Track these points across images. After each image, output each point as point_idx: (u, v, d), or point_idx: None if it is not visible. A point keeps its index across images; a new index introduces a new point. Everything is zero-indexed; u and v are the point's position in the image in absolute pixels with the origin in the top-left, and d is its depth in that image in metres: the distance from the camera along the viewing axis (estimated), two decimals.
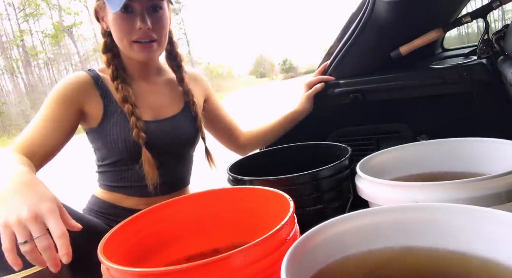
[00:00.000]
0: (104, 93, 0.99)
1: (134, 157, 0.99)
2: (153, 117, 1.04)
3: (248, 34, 69.40)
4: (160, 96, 1.07)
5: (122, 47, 0.98)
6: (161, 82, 1.10)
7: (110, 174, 1.04)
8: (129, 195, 1.04)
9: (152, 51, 0.98)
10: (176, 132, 1.05)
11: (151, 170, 0.98)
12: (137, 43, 0.95)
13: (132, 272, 0.53)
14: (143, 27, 0.92)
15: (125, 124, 0.98)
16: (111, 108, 0.99)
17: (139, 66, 1.04)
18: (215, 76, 34.15)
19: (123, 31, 0.94)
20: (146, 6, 0.93)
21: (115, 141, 0.97)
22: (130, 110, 0.97)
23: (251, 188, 0.80)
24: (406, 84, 1.17)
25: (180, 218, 0.80)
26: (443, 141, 0.90)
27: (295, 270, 0.44)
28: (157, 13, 0.95)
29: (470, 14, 1.11)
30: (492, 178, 0.61)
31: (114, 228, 0.68)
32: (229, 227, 0.81)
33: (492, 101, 1.13)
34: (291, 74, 34.95)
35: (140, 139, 0.96)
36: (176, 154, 1.07)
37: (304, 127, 1.30)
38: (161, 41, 0.99)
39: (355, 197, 0.85)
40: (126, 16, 0.93)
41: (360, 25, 1.18)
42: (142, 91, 1.04)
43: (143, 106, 1.03)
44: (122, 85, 0.98)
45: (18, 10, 26.54)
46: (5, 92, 24.25)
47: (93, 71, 1.02)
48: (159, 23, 0.96)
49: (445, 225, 0.51)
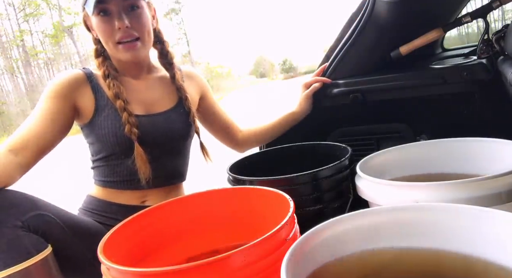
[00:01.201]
0: (96, 88, 1.02)
1: (126, 151, 1.00)
2: (145, 112, 1.06)
3: (248, 34, 69.43)
4: (152, 92, 1.09)
5: (109, 50, 1.02)
6: (153, 79, 1.12)
7: (103, 168, 1.05)
8: (122, 189, 1.05)
9: (137, 50, 1.00)
10: (168, 127, 1.06)
11: (143, 164, 0.99)
12: (121, 44, 0.98)
13: (132, 272, 0.53)
14: (121, 26, 0.96)
15: (116, 119, 1.00)
16: (102, 103, 1.01)
17: (129, 66, 1.06)
18: (215, 76, 34.12)
19: (105, 33, 0.98)
20: (122, 6, 0.96)
21: (107, 134, 0.99)
22: (122, 106, 0.99)
23: (251, 188, 0.80)
24: (406, 84, 1.17)
25: (180, 218, 0.80)
26: (443, 141, 0.90)
27: (295, 270, 0.44)
28: (135, 12, 0.98)
29: (470, 14, 1.11)
30: (492, 178, 0.61)
31: (114, 228, 0.69)
32: (229, 227, 0.81)
33: (492, 101, 1.13)
34: (291, 74, 34.94)
35: (133, 134, 0.98)
36: (168, 148, 1.08)
37: (304, 127, 1.30)
38: (144, 39, 1.01)
39: (355, 197, 0.85)
40: (105, 18, 0.97)
41: (360, 25, 1.18)
42: (133, 88, 1.07)
43: (135, 101, 1.05)
44: (113, 82, 1.01)
45: (18, 10, 26.56)
46: (5, 92, 24.26)
47: (87, 69, 1.06)
48: (138, 22, 0.99)
49: (445, 225, 0.51)
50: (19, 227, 0.77)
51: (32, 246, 0.77)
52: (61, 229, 0.85)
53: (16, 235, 0.76)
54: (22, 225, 0.77)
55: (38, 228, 0.81)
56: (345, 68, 1.27)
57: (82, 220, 0.96)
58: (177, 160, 1.12)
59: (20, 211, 0.78)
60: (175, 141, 1.09)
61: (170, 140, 1.07)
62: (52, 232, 0.83)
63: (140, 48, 1.00)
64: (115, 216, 1.03)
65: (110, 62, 1.05)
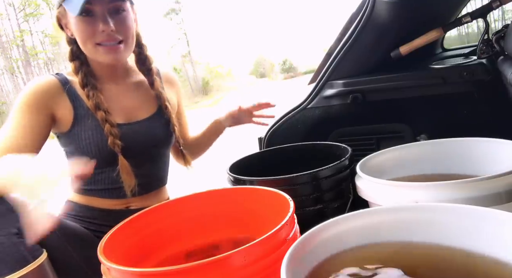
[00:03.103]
0: (73, 97, 0.98)
1: (107, 161, 0.98)
2: (126, 120, 1.03)
3: (248, 34, 69.46)
4: (132, 99, 1.06)
5: (86, 52, 0.97)
6: (131, 85, 1.09)
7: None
8: (103, 198, 1.03)
9: (119, 53, 0.96)
10: (150, 135, 1.04)
11: (128, 176, 0.98)
12: (101, 45, 0.94)
13: (132, 272, 0.53)
14: (106, 30, 0.92)
15: (97, 130, 0.96)
16: (81, 112, 0.97)
17: (107, 69, 1.03)
18: (215, 76, 34.12)
19: (85, 34, 0.93)
20: (107, 8, 0.92)
21: (88, 145, 0.96)
22: (104, 117, 0.95)
23: (251, 188, 0.80)
24: (406, 84, 1.17)
25: (180, 218, 0.80)
26: (443, 141, 0.90)
27: (295, 270, 0.44)
28: (120, 15, 0.95)
29: (470, 14, 1.11)
30: (492, 178, 0.62)
31: (114, 228, 0.69)
32: (229, 227, 0.81)
33: (492, 101, 1.13)
34: (291, 74, 34.92)
35: (116, 146, 0.95)
36: (150, 156, 1.07)
37: (304, 127, 1.30)
38: (128, 42, 0.98)
39: (355, 197, 0.85)
40: (87, 19, 0.92)
41: (360, 25, 1.18)
42: (112, 94, 1.03)
43: (115, 109, 1.01)
44: (93, 92, 0.96)
45: (18, 10, 26.55)
46: (5, 92, 24.26)
47: (61, 75, 1.00)
48: (123, 25, 0.95)
49: (445, 225, 0.51)
50: (14, 234, 0.75)
51: (29, 253, 0.75)
52: (54, 234, 0.84)
53: (11, 243, 0.74)
54: (17, 232, 0.75)
55: None
56: (345, 68, 1.27)
57: (71, 225, 0.95)
58: (159, 165, 1.10)
59: (14, 218, 0.75)
60: (156, 148, 1.07)
61: (151, 147, 1.05)
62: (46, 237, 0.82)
63: (122, 52, 0.97)
64: (98, 221, 1.01)
65: (88, 68, 1.01)
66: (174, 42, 32.45)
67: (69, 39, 1.00)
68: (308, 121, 1.30)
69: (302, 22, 77.35)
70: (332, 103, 1.29)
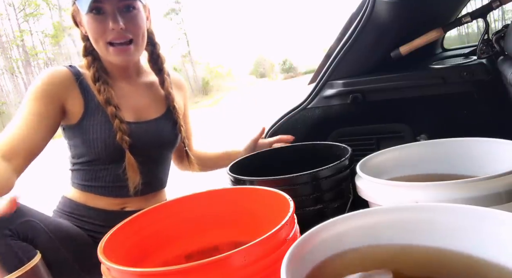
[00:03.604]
0: (85, 90, 0.98)
1: (112, 158, 0.98)
2: (135, 119, 1.03)
3: (248, 34, 69.43)
4: (142, 99, 1.07)
5: (98, 50, 0.97)
6: (142, 84, 1.09)
7: (85, 172, 1.01)
8: (102, 195, 1.02)
9: (129, 55, 0.97)
10: (158, 135, 1.05)
11: (134, 173, 0.98)
12: (112, 46, 0.94)
13: (132, 272, 0.53)
14: (115, 28, 0.92)
15: (106, 125, 0.96)
16: (91, 106, 0.97)
17: (119, 68, 1.03)
18: (215, 76, 34.10)
19: (96, 33, 0.93)
20: (117, 7, 0.92)
21: (95, 140, 0.96)
22: (113, 113, 0.96)
23: (251, 188, 0.80)
24: (406, 84, 1.17)
25: (180, 218, 0.80)
26: (443, 141, 0.90)
27: (295, 270, 0.44)
28: (130, 13, 0.94)
29: (470, 14, 1.11)
30: (492, 178, 0.61)
31: (114, 228, 0.68)
32: (229, 227, 0.81)
33: (492, 101, 1.13)
34: (291, 74, 34.89)
35: (124, 142, 0.95)
36: (155, 156, 1.07)
37: (304, 127, 1.30)
38: (138, 42, 0.98)
39: (355, 197, 0.85)
40: (98, 17, 0.92)
41: (360, 25, 1.18)
42: (123, 92, 1.04)
43: (125, 107, 1.02)
44: (104, 87, 0.97)
45: (18, 10, 26.55)
46: (5, 92, 24.26)
47: (74, 67, 1.01)
48: (133, 23, 0.95)
49: (445, 225, 0.51)
50: (8, 236, 0.75)
51: (23, 254, 0.76)
52: (46, 234, 0.84)
53: (6, 244, 0.74)
54: (11, 233, 0.76)
55: (26, 235, 0.79)
56: (345, 68, 1.27)
57: (64, 225, 0.94)
58: (161, 167, 1.10)
59: (8, 219, 0.75)
60: (162, 149, 1.08)
61: (158, 148, 1.06)
62: (39, 238, 0.82)
63: (133, 53, 0.97)
64: (93, 221, 1.01)
65: (100, 63, 1.01)
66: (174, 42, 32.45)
67: (83, 36, 1.01)
68: (308, 121, 1.30)
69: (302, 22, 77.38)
70: (332, 103, 1.28)
